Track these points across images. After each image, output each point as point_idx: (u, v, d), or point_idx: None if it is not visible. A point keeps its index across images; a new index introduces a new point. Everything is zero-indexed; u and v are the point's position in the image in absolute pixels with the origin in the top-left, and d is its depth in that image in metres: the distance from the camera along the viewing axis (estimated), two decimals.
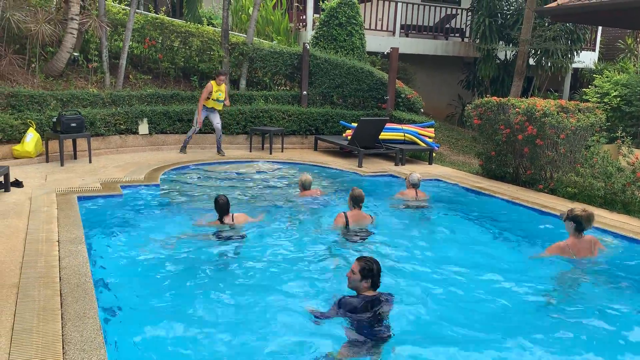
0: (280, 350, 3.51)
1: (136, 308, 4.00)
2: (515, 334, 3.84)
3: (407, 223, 6.48)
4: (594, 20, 13.36)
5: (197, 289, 4.39)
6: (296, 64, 12.12)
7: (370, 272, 3.71)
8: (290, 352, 3.49)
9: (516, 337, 3.77)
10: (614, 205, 7.11)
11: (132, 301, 4.10)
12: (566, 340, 3.80)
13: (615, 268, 5.14)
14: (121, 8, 12.00)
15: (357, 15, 12.94)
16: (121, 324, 3.70)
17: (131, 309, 3.97)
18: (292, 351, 3.50)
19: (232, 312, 4.03)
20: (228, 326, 3.82)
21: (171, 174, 8.32)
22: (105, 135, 9.69)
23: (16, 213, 5.71)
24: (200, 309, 4.04)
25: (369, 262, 3.74)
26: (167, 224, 5.97)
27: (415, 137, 10.48)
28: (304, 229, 6.04)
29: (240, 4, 15.45)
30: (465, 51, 16.59)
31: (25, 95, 9.04)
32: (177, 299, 4.19)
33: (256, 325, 3.83)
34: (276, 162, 9.61)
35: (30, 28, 9.44)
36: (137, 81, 11.30)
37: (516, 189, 8.15)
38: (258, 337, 3.68)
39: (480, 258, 5.33)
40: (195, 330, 3.72)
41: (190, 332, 3.69)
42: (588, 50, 17.74)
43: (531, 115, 7.91)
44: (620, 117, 11.74)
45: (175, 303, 4.12)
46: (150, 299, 4.14)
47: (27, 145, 8.38)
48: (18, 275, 4.06)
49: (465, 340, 3.74)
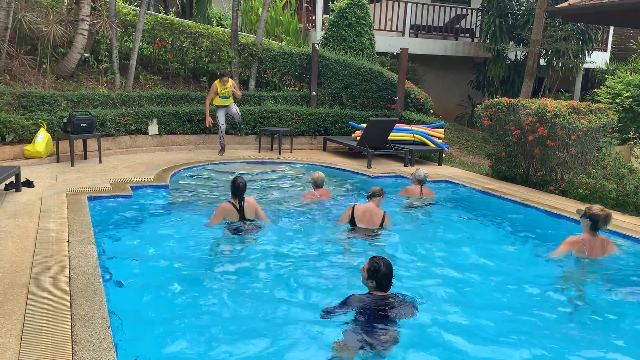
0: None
1: (146, 308, 4.00)
2: (527, 334, 3.81)
3: (411, 222, 6.48)
4: (605, 20, 13.24)
5: (208, 289, 4.38)
6: (305, 65, 12.12)
7: (375, 272, 3.69)
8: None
9: (528, 338, 3.75)
10: (627, 207, 7.03)
11: (142, 301, 4.11)
12: (580, 340, 3.77)
13: (630, 271, 5.09)
14: (131, 9, 12.06)
15: (367, 16, 12.92)
16: (131, 325, 3.70)
17: (141, 309, 3.97)
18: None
19: (243, 314, 4.02)
20: (239, 327, 3.81)
21: (181, 174, 8.34)
22: (116, 135, 9.74)
23: (27, 213, 5.74)
24: (212, 309, 4.04)
25: (376, 263, 3.71)
26: (176, 224, 5.98)
27: (424, 138, 10.44)
28: (317, 228, 6.04)
29: (249, 5, 15.48)
30: (475, 51, 16.51)
31: (36, 96, 9.10)
32: (188, 299, 4.19)
33: (269, 329, 3.81)
34: (285, 162, 9.60)
35: (42, 29, 9.51)
36: (147, 82, 11.35)
37: (527, 190, 8.08)
38: (271, 339, 3.67)
39: (492, 260, 5.29)
40: (206, 331, 3.71)
41: (201, 334, 3.68)
42: (599, 50, 17.60)
43: (542, 116, 7.84)
44: (633, 118, 11.61)
45: (186, 303, 4.12)
46: (161, 299, 4.15)
47: (38, 146, 8.44)
48: (28, 275, 4.08)
49: (475, 341, 3.72)
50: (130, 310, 3.92)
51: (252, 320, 3.91)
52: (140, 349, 3.41)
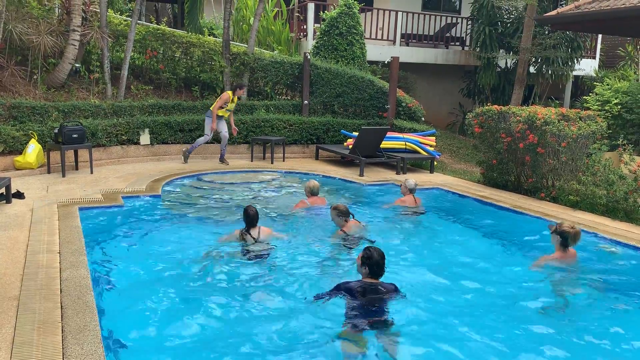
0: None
1: (138, 320, 3.98)
2: (515, 340, 3.86)
3: (411, 230, 6.55)
4: (594, 29, 13.40)
5: (200, 301, 4.36)
6: (297, 74, 12.16)
7: (368, 259, 4.04)
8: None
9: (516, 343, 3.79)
10: (616, 214, 7.08)
11: (134, 312, 4.08)
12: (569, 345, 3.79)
13: (621, 277, 5.14)
14: (122, 19, 12.07)
15: (358, 25, 13.00)
16: (122, 338, 3.67)
17: (133, 322, 3.94)
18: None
19: (232, 327, 4.00)
20: (228, 336, 3.80)
21: (173, 184, 8.32)
22: (107, 145, 9.71)
23: (17, 225, 5.70)
24: (204, 321, 4.02)
25: (370, 251, 4.07)
26: (168, 235, 5.96)
27: (416, 146, 10.48)
28: (318, 238, 6.04)
29: (241, 15, 15.55)
30: (465, 60, 16.64)
31: (27, 107, 9.07)
32: (180, 311, 4.17)
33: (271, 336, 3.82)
34: (278, 171, 9.61)
35: (33, 40, 9.50)
36: (138, 92, 11.34)
37: (518, 197, 8.13)
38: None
39: (483, 267, 5.35)
40: (199, 344, 3.70)
41: (193, 345, 3.67)
42: (588, 58, 17.78)
43: (532, 123, 7.91)
44: (622, 124, 11.73)
45: (177, 315, 4.10)
46: (153, 312, 4.12)
47: (28, 157, 8.40)
48: (19, 288, 4.05)
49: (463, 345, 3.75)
50: (122, 321, 3.90)
51: (251, 339, 3.87)
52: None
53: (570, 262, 5.21)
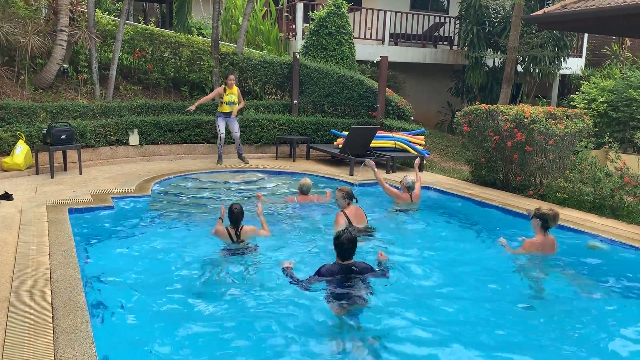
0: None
1: (129, 321, 3.98)
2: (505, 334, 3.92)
3: (406, 228, 6.62)
4: (580, 28, 13.53)
5: (191, 300, 4.37)
6: (286, 73, 12.17)
7: (335, 240, 4.24)
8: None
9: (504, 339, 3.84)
10: (603, 210, 7.18)
11: (125, 313, 4.08)
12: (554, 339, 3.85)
13: (606, 270, 5.23)
14: (110, 19, 12.00)
15: (347, 25, 13.03)
16: (114, 338, 3.67)
17: (124, 322, 3.94)
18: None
19: (222, 326, 4.01)
20: (219, 334, 3.81)
21: (162, 184, 8.30)
22: (96, 146, 9.66)
23: (6, 226, 5.67)
24: (195, 321, 4.03)
25: (339, 234, 4.25)
26: (158, 235, 5.95)
27: (405, 145, 10.54)
28: (309, 234, 6.08)
29: (230, 14, 15.52)
30: (454, 59, 16.74)
31: (14, 108, 9.00)
32: (171, 310, 4.18)
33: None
34: (268, 171, 9.61)
35: (19, 40, 9.43)
36: (127, 92, 11.29)
37: (506, 195, 8.20)
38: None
39: (473, 264, 5.41)
40: (189, 344, 3.70)
41: (184, 342, 3.68)
42: (575, 56, 17.96)
43: (520, 122, 7.99)
44: (608, 122, 11.88)
45: (168, 315, 4.10)
46: (143, 312, 4.12)
47: (16, 158, 8.33)
48: (9, 290, 4.03)
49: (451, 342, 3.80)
50: (113, 321, 3.90)
51: (244, 335, 3.89)
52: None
53: (551, 250, 5.41)
